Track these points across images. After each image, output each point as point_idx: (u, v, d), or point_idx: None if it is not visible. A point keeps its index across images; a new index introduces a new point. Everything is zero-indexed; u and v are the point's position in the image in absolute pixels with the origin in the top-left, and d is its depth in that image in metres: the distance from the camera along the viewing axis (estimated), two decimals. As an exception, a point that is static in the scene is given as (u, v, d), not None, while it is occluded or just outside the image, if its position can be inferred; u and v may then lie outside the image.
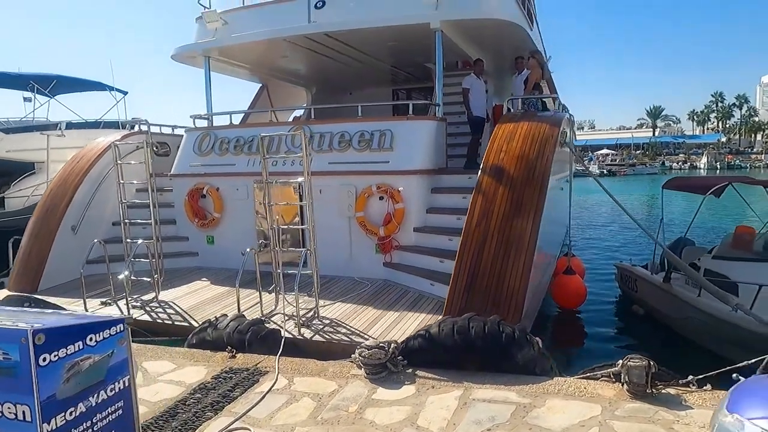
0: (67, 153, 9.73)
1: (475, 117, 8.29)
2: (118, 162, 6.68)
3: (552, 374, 4.02)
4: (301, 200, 7.32)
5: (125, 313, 5.90)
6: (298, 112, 12.81)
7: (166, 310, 6.07)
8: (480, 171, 5.73)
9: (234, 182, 7.73)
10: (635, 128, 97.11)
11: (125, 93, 16.52)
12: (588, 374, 3.99)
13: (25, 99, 16.37)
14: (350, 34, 8.09)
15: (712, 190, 6.74)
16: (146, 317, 5.84)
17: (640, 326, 7.85)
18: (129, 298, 6.15)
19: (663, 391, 3.55)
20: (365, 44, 8.98)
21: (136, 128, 10.33)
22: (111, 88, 15.95)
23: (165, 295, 6.55)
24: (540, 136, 5.86)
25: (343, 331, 5.22)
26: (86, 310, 6.04)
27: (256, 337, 4.72)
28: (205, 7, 9.37)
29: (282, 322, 5.39)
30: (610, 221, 19.64)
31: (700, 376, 3.78)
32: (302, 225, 5.93)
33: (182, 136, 8.98)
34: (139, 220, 7.02)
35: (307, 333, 5.16)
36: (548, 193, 6.25)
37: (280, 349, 4.59)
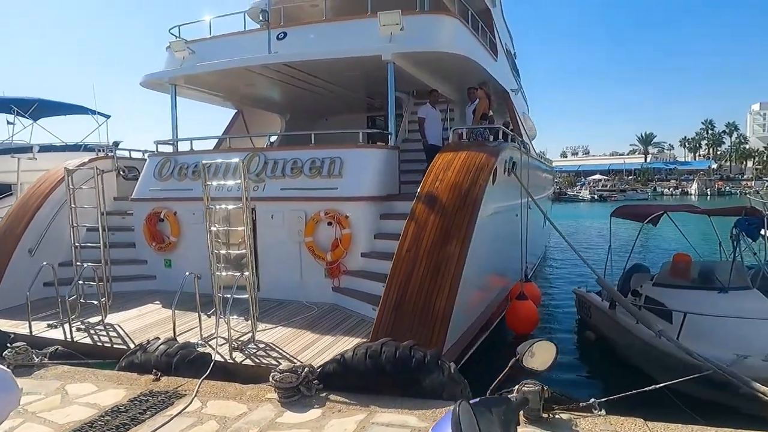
0: (39, 176, 9.91)
1: (430, 145, 8.52)
2: (70, 186, 6.82)
3: (461, 399, 4.11)
4: (254, 225, 7.55)
5: (68, 335, 5.97)
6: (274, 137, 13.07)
7: (110, 333, 6.15)
8: (415, 198, 5.91)
9: (190, 207, 7.87)
10: (627, 154, 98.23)
11: (108, 116, 16.83)
12: (496, 399, 4.09)
13: (8, 122, 16.65)
14: (308, 64, 8.37)
15: (648, 218, 6.93)
16: (87, 340, 5.92)
17: (590, 352, 7.94)
18: (77, 321, 6.27)
19: (557, 416, 3.65)
20: (327, 74, 9.26)
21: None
22: (93, 112, 16.24)
23: (113, 318, 6.63)
24: (475, 166, 6.04)
25: (275, 354, 5.32)
26: (31, 333, 6.12)
27: (184, 361, 4.80)
28: (175, 36, 9.70)
29: (218, 345, 5.47)
30: (592, 246, 19.75)
31: (602, 399, 3.89)
32: (240, 250, 6.01)
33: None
34: (90, 244, 7.13)
35: (238, 357, 5.25)
36: (492, 220, 6.46)
37: (207, 373, 4.68)
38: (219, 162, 7.65)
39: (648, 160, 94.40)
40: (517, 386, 3.83)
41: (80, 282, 6.64)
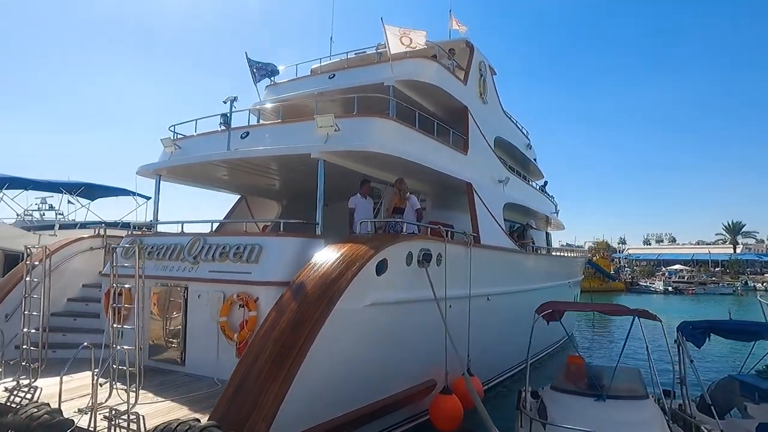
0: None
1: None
2: (26, 263, 7.95)
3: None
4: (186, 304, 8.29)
5: (-8, 393, 6.82)
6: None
7: (25, 394, 6.88)
8: (288, 285, 6.35)
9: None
10: (713, 243, 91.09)
11: (148, 198, 18.97)
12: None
13: (69, 202, 19.37)
14: (260, 159, 9.34)
15: (541, 314, 6.84)
16: (2, 399, 6.69)
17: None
18: (13, 381, 7.15)
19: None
20: (287, 168, 10.19)
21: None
22: (134, 194, 18.43)
23: (43, 382, 7.39)
24: (349, 258, 6.43)
25: (133, 427, 5.73)
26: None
27: (42, 425, 5.40)
28: (172, 132, 11.21)
29: (97, 413, 5.97)
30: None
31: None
32: (133, 325, 6.69)
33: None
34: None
35: (102, 425, 5.73)
36: (377, 311, 6.72)
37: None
38: (175, 244, 8.66)
39: (739, 250, 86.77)
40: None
41: (24, 347, 7.57)
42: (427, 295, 7.88)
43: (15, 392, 6.98)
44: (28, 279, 8.00)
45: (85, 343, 6.62)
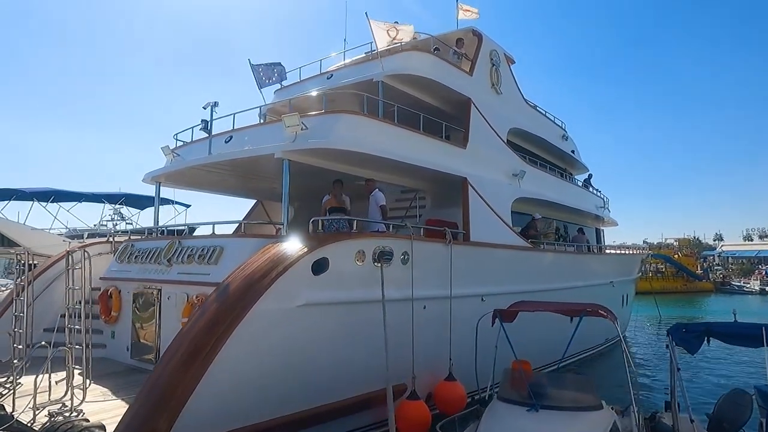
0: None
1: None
2: (16, 268, 8.54)
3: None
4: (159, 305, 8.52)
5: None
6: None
7: (9, 390, 7.34)
8: (217, 285, 6.31)
9: (127, 286, 9.19)
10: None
11: (188, 206, 20.02)
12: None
13: (121, 213, 20.90)
14: (235, 162, 9.42)
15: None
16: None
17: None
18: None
19: None
20: (266, 171, 10.16)
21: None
22: (173, 203, 19.47)
23: (25, 379, 7.88)
24: (276, 257, 6.28)
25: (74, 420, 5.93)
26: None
27: (-18, 419, 5.74)
28: (178, 141, 11.67)
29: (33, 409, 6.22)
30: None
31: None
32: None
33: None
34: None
35: (41, 419, 5.98)
36: (313, 311, 6.52)
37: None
38: (156, 248, 8.97)
39: None
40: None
41: (13, 345, 8.14)
42: (388, 295, 7.55)
43: (-4, 387, 7.53)
44: (19, 282, 8.60)
45: (43, 342, 6.95)
